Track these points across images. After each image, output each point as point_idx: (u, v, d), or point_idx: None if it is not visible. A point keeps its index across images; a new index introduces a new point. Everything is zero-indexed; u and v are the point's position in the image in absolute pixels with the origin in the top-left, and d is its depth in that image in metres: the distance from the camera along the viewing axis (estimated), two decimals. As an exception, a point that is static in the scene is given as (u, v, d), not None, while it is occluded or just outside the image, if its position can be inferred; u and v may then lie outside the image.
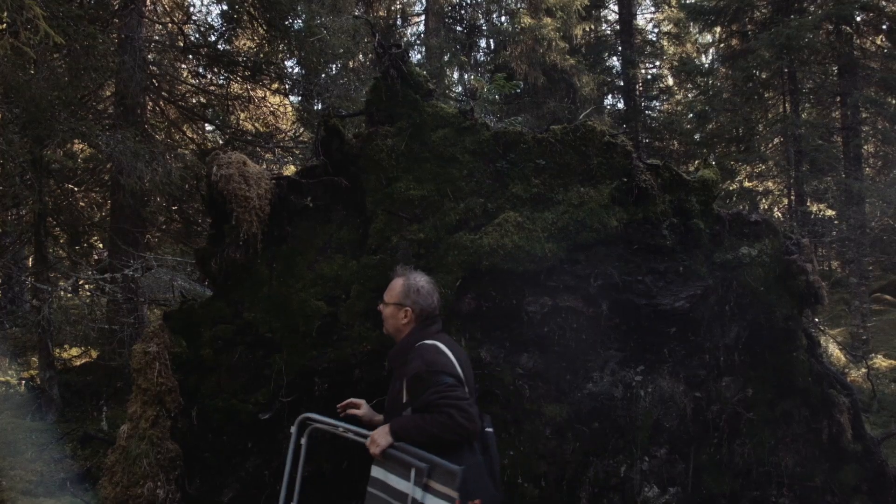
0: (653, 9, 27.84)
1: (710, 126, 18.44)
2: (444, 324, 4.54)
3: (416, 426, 3.50)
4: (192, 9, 16.56)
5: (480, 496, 3.44)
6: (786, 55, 15.11)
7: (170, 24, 12.33)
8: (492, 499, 3.55)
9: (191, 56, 12.14)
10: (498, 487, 3.66)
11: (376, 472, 3.55)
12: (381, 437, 3.55)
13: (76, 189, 12.18)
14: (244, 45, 12.44)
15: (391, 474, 3.50)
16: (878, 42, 16.23)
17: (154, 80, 11.74)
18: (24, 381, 10.18)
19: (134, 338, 9.06)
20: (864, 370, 11.13)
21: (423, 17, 22.68)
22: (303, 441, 3.97)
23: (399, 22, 23.00)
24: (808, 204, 17.47)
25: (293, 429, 3.98)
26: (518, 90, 14.65)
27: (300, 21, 11.42)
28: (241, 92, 12.77)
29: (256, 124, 13.48)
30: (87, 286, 11.13)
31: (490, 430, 3.77)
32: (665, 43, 25.88)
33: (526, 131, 4.98)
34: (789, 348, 4.87)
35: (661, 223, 4.81)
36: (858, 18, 15.58)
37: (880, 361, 12.68)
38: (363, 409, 4.04)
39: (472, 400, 3.59)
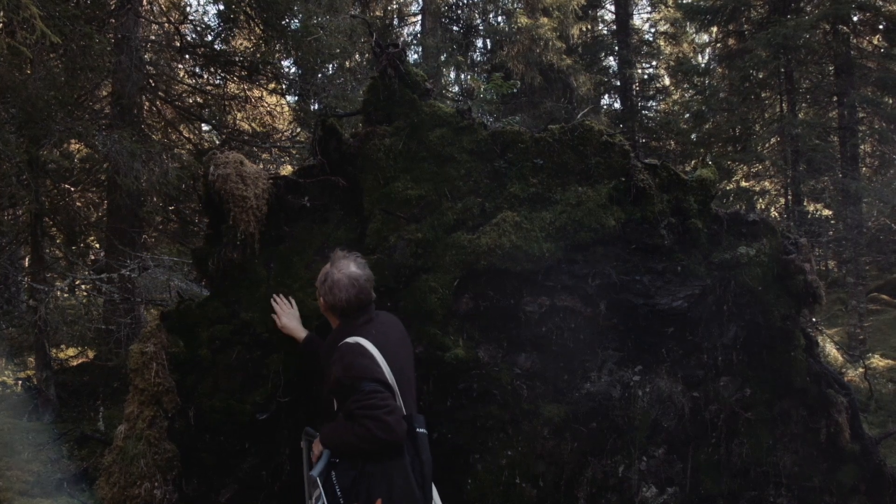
0: (649, 9, 27.83)
1: (707, 126, 18.46)
2: (441, 324, 4.56)
3: (338, 436, 3.51)
4: (188, 8, 16.54)
5: (405, 502, 3.45)
6: (783, 55, 15.12)
7: (166, 24, 12.30)
8: (410, 491, 3.50)
9: (187, 56, 12.12)
10: (427, 492, 3.61)
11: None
12: (315, 447, 3.61)
13: (73, 189, 12.16)
14: (241, 44, 12.43)
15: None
16: (875, 42, 16.23)
17: (150, 80, 11.73)
18: (20, 382, 10.18)
19: (131, 338, 9.06)
20: (861, 370, 11.15)
21: (419, 17, 22.70)
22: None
23: (396, 22, 23.03)
24: (805, 204, 17.48)
25: (303, 443, 4.01)
26: (515, 90, 14.65)
27: (297, 21, 11.42)
28: (237, 92, 12.77)
29: (253, 124, 13.48)
30: (83, 286, 11.15)
31: (423, 430, 3.69)
32: (662, 43, 25.89)
33: (524, 131, 4.97)
34: (787, 348, 4.86)
35: (659, 223, 4.80)
36: (855, 18, 15.58)
37: (877, 361, 12.69)
38: (285, 317, 4.28)
39: (395, 404, 3.51)
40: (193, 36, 12.33)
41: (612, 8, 25.91)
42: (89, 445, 7.50)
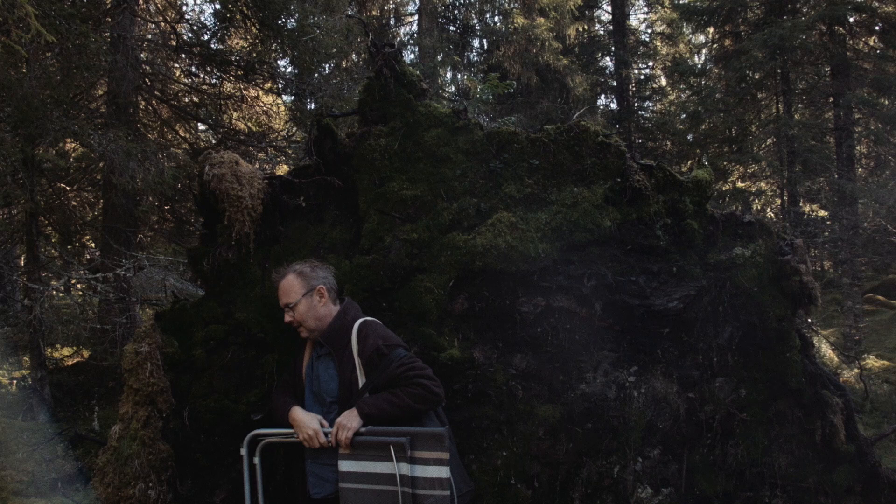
0: (646, 9, 27.90)
1: (703, 126, 18.48)
2: (436, 325, 4.56)
3: (389, 403, 3.53)
4: (184, 8, 16.53)
5: (452, 460, 3.55)
6: (779, 56, 15.15)
7: (162, 23, 12.32)
8: (456, 460, 3.67)
9: (183, 55, 12.12)
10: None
11: (346, 465, 3.53)
12: (351, 421, 3.52)
13: (68, 188, 12.16)
14: (237, 44, 12.44)
15: (367, 461, 3.48)
16: (871, 43, 16.27)
17: (146, 80, 11.73)
18: (15, 381, 10.17)
19: (126, 337, 9.05)
20: (856, 371, 11.17)
21: (416, 17, 22.69)
22: (256, 461, 3.92)
23: (392, 22, 23.02)
24: (801, 204, 17.53)
25: (243, 450, 3.92)
26: (511, 90, 14.70)
27: (293, 20, 11.42)
28: (233, 91, 12.77)
29: (249, 124, 13.48)
30: (78, 286, 11.13)
31: None
32: (658, 43, 25.96)
33: (519, 131, 4.96)
34: (783, 349, 4.86)
35: (655, 223, 4.80)
36: (851, 19, 15.62)
37: (872, 362, 12.72)
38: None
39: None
40: (189, 35, 12.32)
41: (609, 8, 25.95)
42: (84, 445, 7.49)
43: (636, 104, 25.40)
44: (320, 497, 3.73)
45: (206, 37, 11.99)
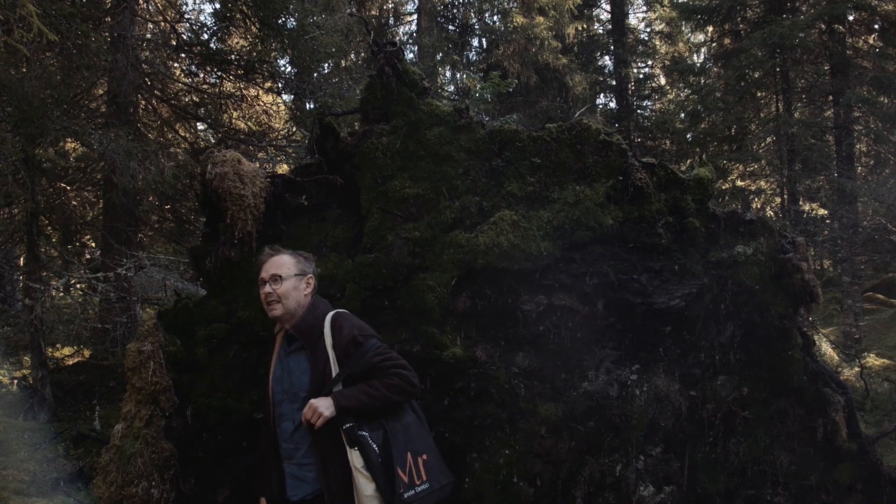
0: (645, 8, 27.89)
1: (703, 125, 18.49)
2: (438, 323, 4.57)
3: (366, 394, 3.51)
4: (184, 7, 16.52)
5: (426, 451, 3.60)
6: (778, 54, 15.17)
7: (162, 23, 12.32)
8: (435, 452, 3.67)
9: (183, 55, 12.13)
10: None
11: None
12: (325, 408, 3.46)
13: (69, 188, 12.16)
14: (237, 43, 12.43)
15: None
16: (871, 41, 16.27)
17: (146, 79, 11.73)
18: (16, 381, 10.17)
19: (126, 337, 9.06)
20: (856, 369, 11.17)
21: (415, 17, 22.68)
22: None
23: (391, 21, 23.00)
24: (801, 203, 17.53)
25: None
26: (510, 89, 14.71)
27: (293, 20, 11.42)
28: (233, 90, 12.77)
29: (249, 123, 13.48)
30: (79, 285, 11.12)
31: None
32: (657, 42, 25.95)
33: (521, 129, 4.97)
34: (784, 347, 4.86)
35: (657, 222, 4.80)
36: (851, 18, 15.62)
37: (873, 360, 12.73)
38: None
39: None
40: (189, 35, 12.32)
41: (608, 7, 25.94)
42: (85, 444, 7.50)
43: (635, 103, 25.38)
44: (298, 498, 3.61)
45: (205, 36, 12.00)
